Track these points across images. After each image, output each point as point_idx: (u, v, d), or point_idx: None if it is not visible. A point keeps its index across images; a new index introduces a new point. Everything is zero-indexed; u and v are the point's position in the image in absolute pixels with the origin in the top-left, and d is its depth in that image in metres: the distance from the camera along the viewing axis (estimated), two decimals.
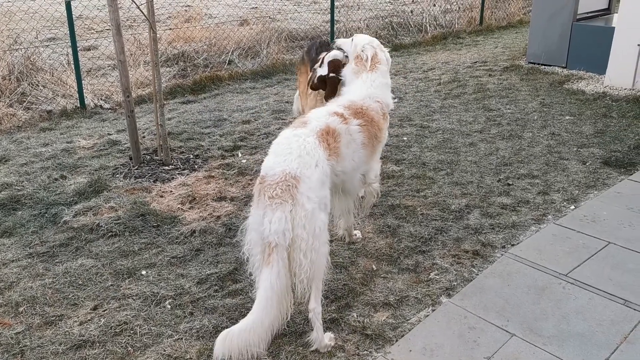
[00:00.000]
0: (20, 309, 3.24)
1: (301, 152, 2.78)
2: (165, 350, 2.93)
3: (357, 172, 3.34)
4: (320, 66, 4.27)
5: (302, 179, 2.69)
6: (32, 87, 7.12)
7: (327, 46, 4.89)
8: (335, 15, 10.08)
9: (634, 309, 3.17)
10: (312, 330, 2.87)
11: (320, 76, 4.15)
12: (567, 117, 6.43)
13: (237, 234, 3.89)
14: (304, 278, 2.67)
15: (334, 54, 4.19)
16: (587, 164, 5.14)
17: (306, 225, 2.63)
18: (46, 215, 4.33)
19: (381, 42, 3.99)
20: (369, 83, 3.56)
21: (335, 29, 10.07)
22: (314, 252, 2.67)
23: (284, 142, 2.87)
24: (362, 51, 3.67)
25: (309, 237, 2.65)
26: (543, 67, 8.71)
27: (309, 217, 2.65)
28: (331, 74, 4.04)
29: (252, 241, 2.74)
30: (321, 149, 2.88)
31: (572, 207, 4.38)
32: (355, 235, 3.91)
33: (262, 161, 2.89)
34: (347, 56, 3.88)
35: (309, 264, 2.65)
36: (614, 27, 7.52)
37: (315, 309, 2.82)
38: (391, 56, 4.03)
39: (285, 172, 2.69)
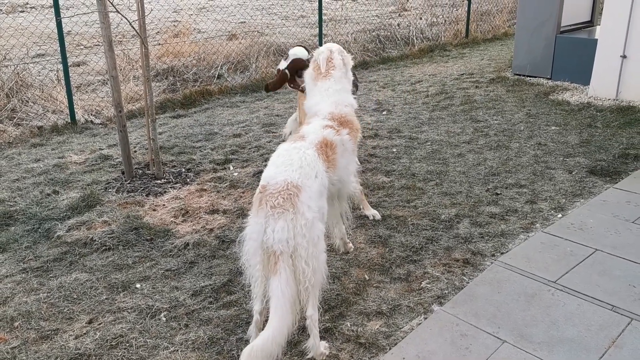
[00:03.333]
0: (16, 324, 3.25)
1: (302, 163, 2.86)
2: None
3: (350, 177, 3.48)
4: (284, 60, 4.25)
5: (303, 188, 2.76)
6: (22, 104, 7.13)
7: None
8: (323, 29, 10.20)
9: (622, 314, 3.24)
10: (309, 337, 2.89)
11: (278, 69, 4.15)
12: (553, 128, 6.55)
13: (232, 246, 3.95)
14: (308, 285, 2.72)
15: (300, 52, 4.15)
16: (573, 173, 5.24)
17: (306, 234, 2.68)
18: (39, 230, 4.34)
19: (368, 56, 4.05)
20: (324, 92, 3.55)
21: (323, 42, 10.18)
22: (314, 259, 2.72)
23: (285, 154, 2.94)
24: (318, 55, 3.68)
25: (309, 246, 2.70)
26: (528, 78, 8.86)
27: (309, 226, 2.70)
28: (284, 69, 4.03)
29: (250, 251, 2.77)
30: (320, 160, 2.98)
31: (560, 215, 4.46)
32: (349, 244, 3.97)
33: (254, 174, 2.95)
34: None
35: (311, 272, 2.70)
36: (597, 39, 7.68)
37: (313, 315, 2.84)
38: (378, 69, 4.07)
39: (287, 182, 2.75)
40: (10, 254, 4.03)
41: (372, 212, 4.47)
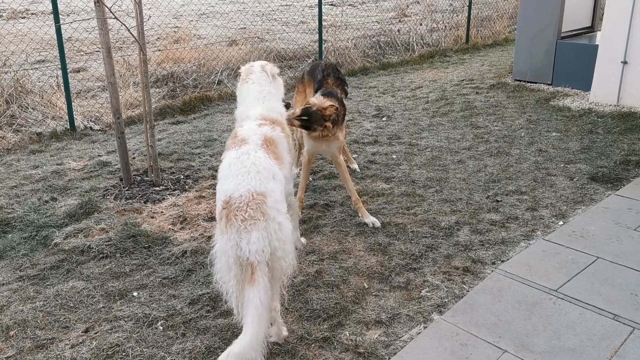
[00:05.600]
0: (11, 333, 3.22)
1: (258, 167, 2.83)
2: None
3: (290, 177, 3.50)
4: None
5: (268, 194, 2.75)
6: (21, 110, 7.11)
7: (332, 68, 4.92)
8: (323, 35, 10.20)
9: (624, 323, 3.21)
10: (273, 326, 2.99)
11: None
12: (554, 134, 6.53)
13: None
14: (284, 279, 2.88)
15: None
16: (575, 180, 5.21)
17: (280, 237, 2.73)
18: (37, 237, 4.31)
19: (368, 62, 4.05)
20: (253, 99, 3.59)
21: (323, 48, 10.17)
22: (289, 254, 2.82)
23: (236, 162, 2.88)
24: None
25: (285, 245, 2.76)
26: (529, 84, 8.84)
27: (282, 228, 2.75)
28: None
29: (223, 268, 2.73)
30: (272, 160, 2.99)
31: (561, 222, 4.43)
32: (302, 242, 4.09)
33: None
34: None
35: (288, 266, 2.82)
36: (597, 45, 7.67)
37: (277, 306, 2.98)
38: (378, 75, 4.07)
39: (252, 191, 2.71)
40: (7, 262, 4.00)
41: (371, 220, 4.44)
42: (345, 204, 4.83)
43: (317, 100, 4.26)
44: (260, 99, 3.50)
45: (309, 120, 4.14)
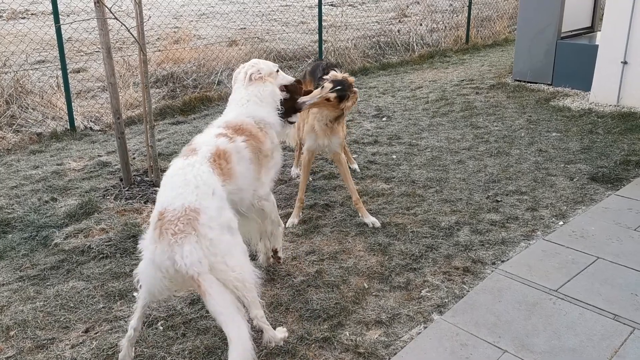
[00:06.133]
0: (11, 333, 3.22)
1: (198, 182, 2.79)
2: None
3: (250, 188, 3.34)
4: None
5: (202, 210, 2.69)
6: (21, 110, 7.11)
7: (333, 67, 4.93)
8: (323, 35, 10.20)
9: (624, 324, 3.21)
10: (263, 333, 2.92)
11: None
12: (554, 134, 6.53)
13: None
14: (241, 293, 2.73)
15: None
16: (575, 180, 5.21)
17: (216, 252, 2.64)
18: (37, 237, 4.31)
19: (368, 62, 4.05)
20: (233, 103, 3.63)
21: (323, 48, 10.17)
22: (232, 270, 2.69)
23: (179, 172, 2.87)
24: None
25: (223, 259, 2.66)
26: (529, 84, 8.84)
27: (215, 244, 2.66)
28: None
29: (148, 275, 2.76)
30: (215, 175, 2.91)
31: (561, 222, 4.43)
32: (271, 260, 3.83)
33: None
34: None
35: (238, 281, 2.70)
36: (597, 45, 7.67)
37: (258, 314, 2.87)
38: (378, 75, 4.07)
39: (185, 206, 2.68)
40: (7, 262, 4.00)
41: (371, 220, 4.44)
42: (345, 204, 4.83)
43: (332, 75, 4.28)
44: (240, 104, 3.50)
45: (342, 88, 4.16)
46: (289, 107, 3.77)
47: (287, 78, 3.81)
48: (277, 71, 3.73)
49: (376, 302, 3.47)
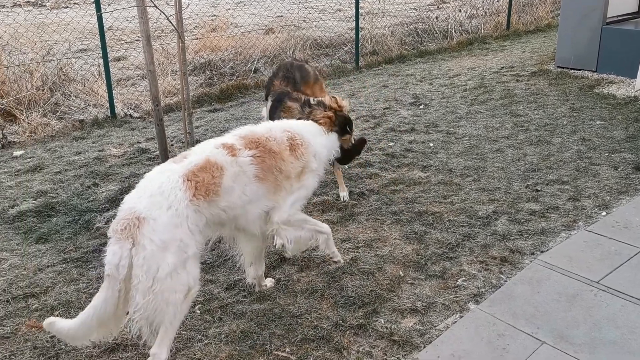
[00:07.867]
0: (56, 313, 3.33)
1: (156, 191, 2.71)
2: (195, 355, 2.98)
3: (255, 208, 3.07)
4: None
5: (146, 221, 2.62)
6: (64, 98, 7.30)
7: (306, 62, 5.02)
8: (360, 22, 10.12)
9: None
10: None
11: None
12: (598, 122, 6.34)
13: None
14: (139, 318, 2.62)
15: None
16: (619, 170, 5.06)
17: (144, 267, 2.57)
18: (79, 221, 4.43)
19: (405, 49, 3.97)
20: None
21: (360, 36, 10.10)
22: (155, 295, 2.59)
23: (151, 176, 2.83)
24: None
25: (149, 279, 2.57)
26: (572, 71, 8.60)
27: (147, 259, 2.57)
28: None
29: None
30: (183, 189, 2.74)
31: (604, 213, 4.31)
32: (265, 285, 3.56)
33: None
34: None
35: (146, 306, 2.59)
36: None
37: (157, 354, 2.69)
38: (416, 63, 3.99)
39: (132, 211, 2.66)
40: (52, 245, 4.13)
41: (343, 194, 4.68)
42: (380, 192, 4.80)
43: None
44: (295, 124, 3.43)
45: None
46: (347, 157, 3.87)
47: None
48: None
49: (411, 291, 3.45)
